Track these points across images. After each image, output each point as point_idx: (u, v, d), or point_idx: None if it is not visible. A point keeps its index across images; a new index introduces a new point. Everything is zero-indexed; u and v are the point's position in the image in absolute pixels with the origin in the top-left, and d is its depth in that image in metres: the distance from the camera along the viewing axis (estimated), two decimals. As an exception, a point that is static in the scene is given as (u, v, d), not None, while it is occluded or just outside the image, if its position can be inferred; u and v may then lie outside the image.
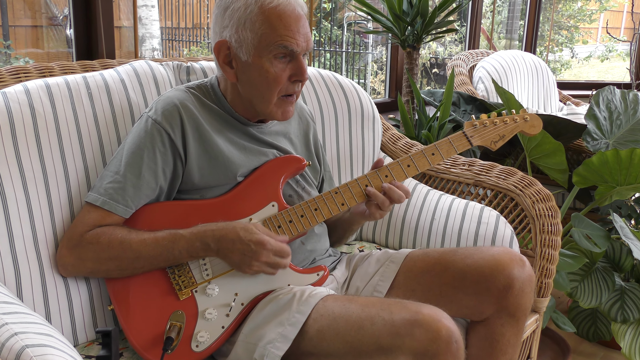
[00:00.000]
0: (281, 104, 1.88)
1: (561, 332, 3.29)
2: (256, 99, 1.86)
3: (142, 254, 1.73)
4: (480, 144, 2.02)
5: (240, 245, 1.71)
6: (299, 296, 1.72)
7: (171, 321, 1.74)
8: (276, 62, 1.80)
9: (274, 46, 1.79)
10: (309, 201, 1.87)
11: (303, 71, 1.83)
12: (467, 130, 2.01)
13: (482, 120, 2.03)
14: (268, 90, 1.84)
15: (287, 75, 1.83)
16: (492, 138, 2.03)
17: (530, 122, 2.07)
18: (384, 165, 1.93)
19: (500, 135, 2.04)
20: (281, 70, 1.82)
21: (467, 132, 2.01)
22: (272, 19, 1.78)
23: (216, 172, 1.85)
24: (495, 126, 2.04)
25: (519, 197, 2.31)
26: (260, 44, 1.79)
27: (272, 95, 1.85)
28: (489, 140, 2.03)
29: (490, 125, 2.03)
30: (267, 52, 1.79)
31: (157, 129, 1.80)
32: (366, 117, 2.63)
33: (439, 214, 2.38)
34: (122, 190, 1.77)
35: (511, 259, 1.87)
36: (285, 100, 1.88)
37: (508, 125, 2.05)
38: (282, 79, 1.83)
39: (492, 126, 2.03)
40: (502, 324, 1.88)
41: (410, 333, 1.51)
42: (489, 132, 2.03)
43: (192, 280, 1.78)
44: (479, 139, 2.01)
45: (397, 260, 2.03)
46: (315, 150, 2.18)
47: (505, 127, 2.05)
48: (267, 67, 1.80)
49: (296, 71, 1.83)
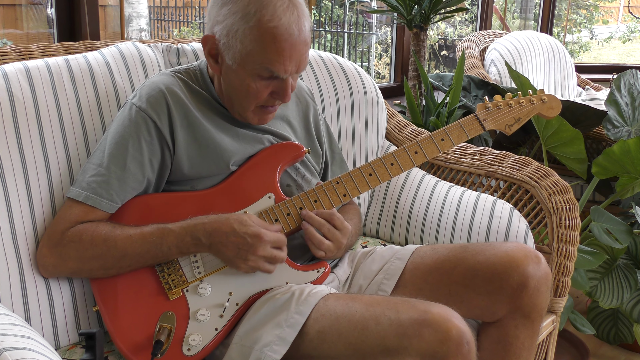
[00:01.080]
0: (259, 112, 1.89)
1: (579, 334, 3.29)
2: (235, 100, 1.88)
3: (128, 251, 1.73)
4: (494, 127, 2.01)
5: (235, 239, 1.71)
6: (298, 295, 1.72)
7: (160, 323, 1.74)
8: (259, 79, 1.80)
9: (259, 66, 1.78)
10: (309, 192, 1.88)
11: (286, 93, 1.84)
12: (479, 114, 2.01)
13: (496, 102, 2.03)
14: (246, 100, 1.85)
15: (268, 91, 1.84)
16: (506, 121, 2.02)
17: (548, 103, 2.07)
18: (390, 153, 1.93)
19: (515, 118, 2.03)
20: (263, 87, 1.82)
21: (479, 116, 2.00)
22: (266, 38, 1.75)
23: (207, 161, 1.85)
24: (510, 108, 2.03)
25: (534, 188, 2.31)
26: (246, 58, 1.78)
27: (250, 105, 1.86)
28: (503, 123, 2.02)
29: (504, 107, 2.03)
30: (251, 69, 1.79)
31: (142, 116, 1.80)
32: (370, 103, 2.63)
33: (448, 207, 2.38)
34: (106, 184, 1.76)
35: (526, 256, 1.86)
36: (264, 109, 1.89)
37: (524, 107, 2.05)
38: (262, 95, 1.83)
39: (506, 108, 2.03)
40: (516, 326, 1.88)
41: (418, 334, 1.51)
42: (503, 115, 2.02)
43: (183, 278, 1.78)
44: (492, 122, 2.01)
45: (403, 256, 2.03)
46: (317, 132, 2.18)
47: (521, 109, 2.04)
48: (248, 82, 1.80)
49: (279, 91, 1.84)
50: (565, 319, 2.75)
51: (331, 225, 1.87)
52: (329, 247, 1.86)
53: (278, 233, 1.77)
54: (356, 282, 2.05)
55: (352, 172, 1.90)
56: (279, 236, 1.76)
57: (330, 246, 1.86)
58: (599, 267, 2.94)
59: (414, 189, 2.52)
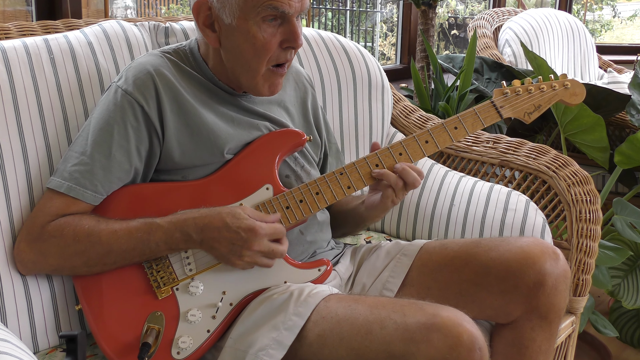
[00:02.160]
0: (269, 76, 1.87)
1: (601, 336, 3.29)
2: (241, 68, 1.85)
3: (113, 247, 1.73)
4: (512, 115, 2.00)
5: (228, 234, 1.70)
6: (296, 295, 1.72)
7: (148, 324, 1.74)
8: (265, 25, 1.79)
9: (262, 7, 1.76)
10: (310, 183, 1.87)
11: (296, 36, 1.82)
12: (496, 100, 2.00)
13: (514, 88, 2.02)
14: (255, 59, 1.82)
15: (277, 41, 1.81)
16: (526, 109, 2.02)
17: (571, 89, 2.06)
18: (398, 142, 1.92)
19: (535, 105, 2.02)
20: (270, 35, 1.80)
21: (496, 102, 2.00)
22: None
23: (200, 148, 1.84)
24: (529, 94, 2.02)
25: (552, 179, 2.31)
26: (246, 4, 1.77)
27: (260, 65, 1.83)
28: (522, 111, 2.01)
29: (523, 93, 2.02)
30: (254, 14, 1.77)
31: (128, 100, 1.80)
32: (374, 87, 2.63)
33: (458, 199, 2.38)
34: (90, 174, 1.76)
35: (543, 252, 1.86)
36: (274, 71, 1.87)
37: (545, 94, 2.04)
38: (271, 46, 1.81)
39: (525, 94, 2.02)
40: (532, 328, 1.88)
41: (426, 339, 1.51)
42: (522, 102, 2.01)
43: (173, 276, 1.78)
44: (510, 109, 2.00)
45: (410, 253, 2.03)
46: (315, 120, 2.18)
47: (542, 96, 2.03)
48: (254, 32, 1.79)
49: (288, 36, 1.82)
50: (585, 320, 2.76)
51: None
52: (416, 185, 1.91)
53: (276, 224, 1.77)
54: (359, 280, 2.05)
55: (357, 163, 1.89)
56: (277, 227, 1.76)
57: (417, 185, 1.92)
58: (622, 264, 2.94)
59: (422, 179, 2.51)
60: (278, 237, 1.76)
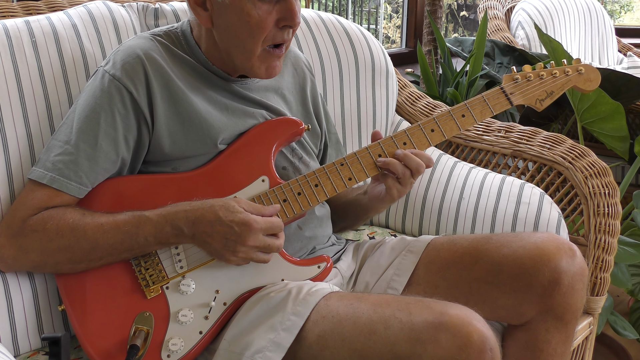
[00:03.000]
0: (266, 57, 1.86)
1: (620, 339, 3.29)
2: (235, 49, 1.85)
3: (99, 242, 1.72)
4: (523, 102, 2.00)
5: (221, 228, 1.70)
6: (295, 294, 1.72)
7: (136, 325, 1.74)
8: (260, 2, 1.78)
9: None
10: (308, 175, 1.87)
11: (294, 14, 1.81)
12: (506, 86, 2.00)
13: (525, 73, 2.02)
14: (250, 39, 1.82)
15: (273, 19, 1.81)
16: (537, 95, 2.02)
17: (586, 74, 2.06)
18: (402, 130, 1.92)
19: (547, 91, 2.03)
20: (266, 13, 1.79)
21: (506, 88, 2.00)
22: None
23: (191, 138, 1.84)
24: (541, 80, 2.02)
25: (568, 170, 2.31)
26: None
27: (255, 46, 1.83)
28: (533, 98, 2.01)
29: (535, 79, 2.02)
30: None
31: (116, 86, 1.79)
32: (378, 72, 2.63)
33: (468, 192, 2.38)
34: (75, 164, 1.75)
35: (558, 248, 1.86)
36: (271, 53, 1.86)
37: (558, 79, 2.04)
38: (267, 25, 1.81)
39: (537, 80, 2.02)
40: (547, 329, 1.88)
41: (433, 339, 1.50)
42: (533, 88, 2.01)
43: (163, 274, 1.78)
44: (521, 96, 2.00)
45: (417, 249, 2.03)
46: (315, 109, 2.17)
47: (554, 82, 2.04)
48: (248, 10, 1.78)
49: (285, 14, 1.81)
50: (603, 322, 2.76)
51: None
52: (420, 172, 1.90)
53: (272, 218, 1.77)
54: (362, 279, 2.05)
55: (358, 153, 1.89)
56: (273, 221, 1.75)
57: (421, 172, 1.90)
58: (642, 261, 2.94)
59: (429, 170, 2.51)
60: (274, 231, 1.75)
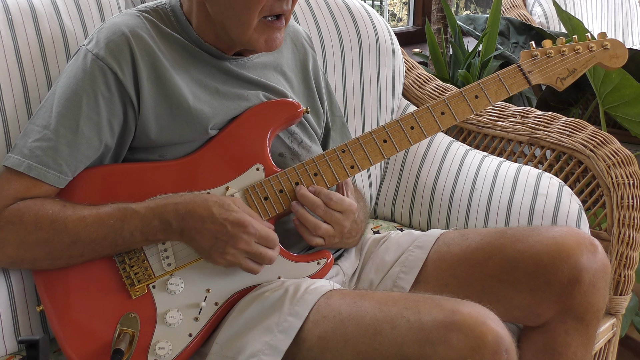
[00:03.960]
0: (264, 28, 1.85)
1: (645, 341, 3.31)
2: (230, 22, 1.84)
3: (80, 236, 1.72)
4: (542, 82, 1.99)
5: (212, 226, 1.70)
6: (292, 292, 1.72)
7: (121, 327, 1.74)
8: None
9: None
10: (307, 163, 1.86)
11: None
12: (523, 64, 1.99)
13: (545, 49, 2.00)
14: (245, 10, 1.80)
15: None
16: (558, 74, 2.01)
17: (611, 50, 2.05)
18: (410, 114, 1.91)
19: (569, 69, 2.01)
20: None
21: (523, 66, 1.98)
22: None
23: (180, 123, 1.84)
24: (562, 57, 2.01)
25: (589, 159, 2.31)
26: None
27: (251, 17, 1.81)
28: (554, 76, 2.00)
29: (555, 55, 2.00)
30: None
31: (100, 67, 1.78)
32: (383, 52, 2.62)
33: (480, 183, 2.38)
34: (54, 151, 1.75)
35: (578, 243, 1.86)
36: (269, 24, 1.85)
37: (580, 56, 2.03)
38: None
39: (558, 57, 2.01)
40: (567, 331, 1.88)
41: (444, 339, 1.50)
42: (554, 66, 2.00)
43: (149, 271, 1.78)
44: (540, 75, 1.99)
45: (425, 244, 2.03)
46: (317, 87, 2.17)
47: (577, 59, 2.02)
48: None
49: None
50: (627, 323, 2.76)
51: (328, 207, 1.82)
52: (327, 231, 1.81)
53: (270, 230, 1.76)
54: (366, 277, 2.05)
55: (361, 138, 1.88)
56: (270, 232, 1.74)
57: (329, 230, 1.82)
58: (670, 257, 2.94)
59: (439, 159, 2.51)
60: (269, 244, 1.74)
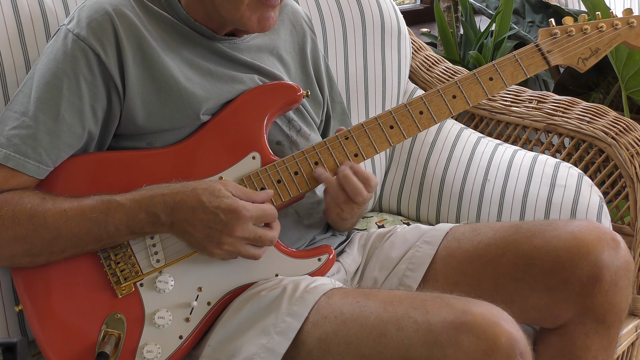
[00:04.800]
0: (257, 6, 1.84)
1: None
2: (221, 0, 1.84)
3: (61, 231, 1.71)
4: (563, 62, 1.99)
5: (204, 215, 1.69)
6: (291, 291, 1.72)
7: (106, 329, 1.73)
8: None
9: None
10: (307, 151, 1.86)
11: None
12: (542, 43, 1.98)
13: (566, 27, 2.00)
14: None
15: None
16: (580, 53, 2.00)
17: (638, 28, 2.04)
18: (418, 97, 1.90)
19: (592, 49, 2.01)
20: None
21: (542, 46, 1.98)
22: None
23: (169, 109, 1.83)
24: (585, 35, 2.01)
25: (611, 147, 2.30)
26: None
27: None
28: (575, 56, 2.00)
29: (577, 34, 2.00)
30: None
31: (82, 48, 1.77)
32: (388, 32, 2.62)
33: (494, 173, 2.38)
34: (33, 139, 1.74)
35: (599, 238, 1.85)
36: (263, 1, 1.84)
37: (604, 34, 2.02)
38: None
39: (580, 35, 2.00)
40: (586, 333, 1.87)
41: (454, 341, 1.50)
42: (575, 45, 1.99)
43: (136, 268, 1.77)
44: (560, 54, 1.99)
45: (434, 240, 2.03)
46: (316, 72, 2.17)
47: (601, 37, 2.02)
48: None
49: None
50: (652, 324, 2.76)
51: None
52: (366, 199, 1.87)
53: (265, 205, 1.76)
54: (369, 275, 2.05)
55: (366, 124, 1.88)
56: (265, 208, 1.75)
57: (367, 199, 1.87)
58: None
59: (448, 147, 2.51)
60: (267, 220, 1.74)
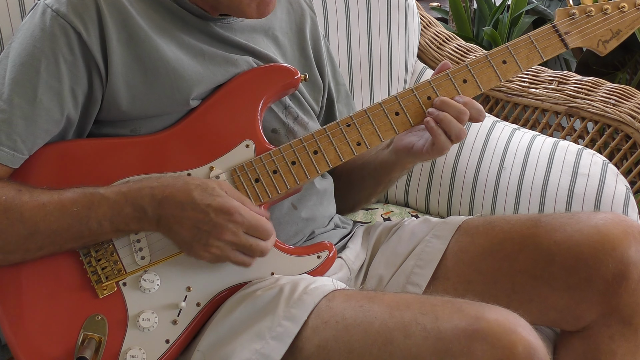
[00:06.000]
0: None
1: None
2: None
3: (39, 227, 1.71)
4: (581, 45, 1.99)
5: (193, 213, 1.69)
6: (288, 292, 1.72)
7: (85, 332, 1.73)
8: None
9: None
10: (305, 139, 1.85)
11: None
12: (559, 24, 1.98)
13: (585, 7, 2.00)
14: None
15: None
16: (600, 35, 2.00)
17: (662, 8, 2.04)
18: (426, 81, 1.90)
19: (613, 30, 2.01)
20: None
21: (559, 27, 1.98)
22: None
23: (156, 92, 1.82)
24: (605, 16, 2.01)
25: (638, 132, 2.30)
26: None
27: None
28: (595, 38, 2.00)
29: (597, 14, 2.00)
30: None
31: (61, 25, 1.77)
32: (395, 7, 2.62)
33: (510, 161, 2.37)
34: (7, 125, 1.73)
35: (626, 232, 1.85)
36: None
37: (626, 15, 2.02)
38: None
39: (600, 16, 2.00)
40: (612, 336, 1.87)
41: (466, 350, 1.50)
42: (595, 26, 2.00)
43: (119, 266, 1.77)
44: (578, 36, 1.99)
45: (444, 234, 2.03)
46: (316, 54, 2.16)
47: (622, 18, 2.02)
48: None
49: None
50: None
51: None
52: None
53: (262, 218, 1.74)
54: (374, 272, 2.05)
55: (369, 110, 1.87)
56: (261, 220, 1.73)
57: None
58: None
59: (461, 133, 2.51)
60: (260, 235, 1.73)
